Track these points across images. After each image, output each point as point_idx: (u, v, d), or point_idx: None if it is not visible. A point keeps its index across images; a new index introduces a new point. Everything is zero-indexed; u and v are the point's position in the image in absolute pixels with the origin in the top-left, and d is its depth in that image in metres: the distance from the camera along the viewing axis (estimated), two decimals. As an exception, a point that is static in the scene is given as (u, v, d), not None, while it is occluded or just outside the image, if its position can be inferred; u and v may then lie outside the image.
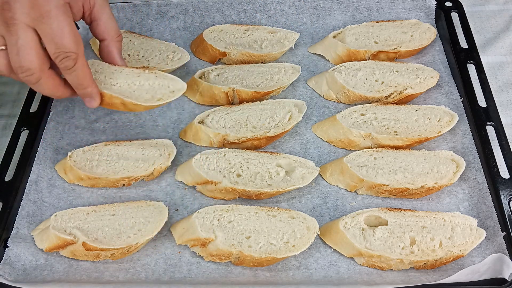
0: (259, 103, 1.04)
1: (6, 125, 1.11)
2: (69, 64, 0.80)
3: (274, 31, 1.17)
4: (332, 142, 1.02)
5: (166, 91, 0.93)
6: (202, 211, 0.87)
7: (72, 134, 1.04)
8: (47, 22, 0.76)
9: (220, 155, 0.95)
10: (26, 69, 0.78)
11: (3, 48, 0.78)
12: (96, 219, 0.88)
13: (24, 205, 0.92)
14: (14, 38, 0.76)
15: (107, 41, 0.91)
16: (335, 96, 1.08)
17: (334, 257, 0.87)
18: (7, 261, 0.85)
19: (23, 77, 0.80)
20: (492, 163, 0.93)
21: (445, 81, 1.09)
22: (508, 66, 1.16)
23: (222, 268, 0.86)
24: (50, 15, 0.76)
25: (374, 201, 0.94)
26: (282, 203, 0.94)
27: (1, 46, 0.78)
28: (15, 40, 0.76)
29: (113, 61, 0.93)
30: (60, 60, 0.79)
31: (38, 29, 0.77)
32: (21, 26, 0.76)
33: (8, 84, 1.18)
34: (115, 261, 0.87)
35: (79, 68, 0.81)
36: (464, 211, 0.91)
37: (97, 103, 0.89)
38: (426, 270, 0.85)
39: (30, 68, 0.78)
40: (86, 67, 0.83)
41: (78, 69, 0.81)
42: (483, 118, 0.99)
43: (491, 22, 1.25)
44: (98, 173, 0.94)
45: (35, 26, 0.77)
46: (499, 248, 0.85)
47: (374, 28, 1.16)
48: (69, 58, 0.79)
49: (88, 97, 0.87)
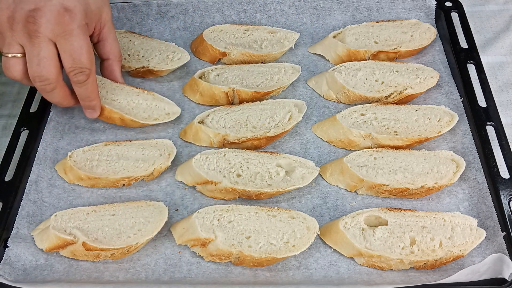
0: (259, 103, 1.04)
1: (6, 125, 1.11)
2: (82, 78, 0.89)
3: (274, 31, 1.17)
4: (332, 142, 1.02)
5: (162, 113, 1.04)
6: (202, 211, 0.87)
7: (72, 134, 1.04)
8: (69, 40, 0.85)
9: (220, 155, 0.95)
10: (44, 79, 0.86)
11: (20, 55, 0.86)
12: (96, 219, 0.88)
13: (24, 205, 0.92)
14: (36, 50, 0.84)
15: (111, 60, 1.02)
16: (335, 96, 1.08)
17: (334, 257, 0.87)
18: (7, 261, 0.85)
19: (40, 85, 0.88)
20: (492, 163, 0.93)
21: (445, 81, 1.09)
22: (508, 66, 1.16)
23: (222, 268, 0.86)
24: (72, 33, 0.85)
25: (374, 201, 0.94)
26: (282, 203, 0.94)
27: (18, 54, 0.86)
28: (37, 51, 0.84)
29: (115, 79, 1.04)
30: (74, 74, 0.88)
31: (58, 44, 0.85)
32: (44, 39, 0.84)
33: (8, 84, 1.18)
34: (115, 261, 0.87)
35: (90, 83, 0.91)
36: (464, 211, 0.91)
37: (97, 115, 0.98)
38: (426, 270, 0.85)
39: (49, 78, 0.86)
40: (95, 82, 0.93)
41: (89, 83, 0.91)
42: (483, 118, 0.99)
43: (491, 22, 1.25)
44: (98, 173, 0.94)
45: (57, 41, 0.85)
46: (499, 248, 0.85)
47: (374, 28, 1.16)
48: (83, 74, 0.89)
49: (91, 109, 0.97)
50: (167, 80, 1.14)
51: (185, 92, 1.11)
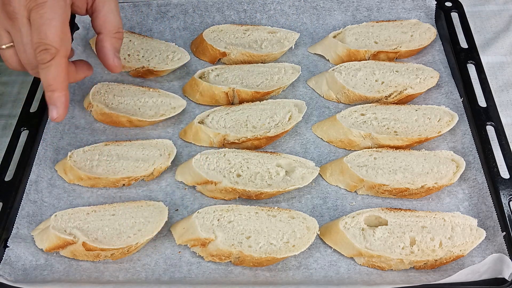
0: (259, 103, 1.04)
1: (6, 125, 1.11)
2: (45, 57, 0.75)
3: (274, 31, 1.17)
4: (332, 142, 1.02)
5: (168, 108, 1.04)
6: (202, 211, 0.87)
7: (72, 134, 1.04)
8: (39, 11, 0.74)
9: (220, 155, 0.95)
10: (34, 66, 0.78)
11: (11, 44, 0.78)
12: (96, 219, 0.88)
13: (24, 205, 0.92)
14: (18, 35, 0.76)
15: (103, 35, 0.87)
16: (335, 96, 1.08)
17: (334, 257, 0.87)
18: (7, 261, 0.85)
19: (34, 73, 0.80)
20: (492, 163, 0.93)
21: (445, 81, 1.09)
22: (508, 66, 1.16)
23: (222, 268, 0.86)
24: (45, 5, 0.74)
25: (374, 201, 0.94)
26: (282, 203, 0.94)
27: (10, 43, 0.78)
28: (20, 37, 0.76)
29: (104, 57, 0.88)
30: (38, 52, 0.75)
31: (30, 19, 0.74)
32: (22, 20, 0.75)
33: (8, 84, 1.18)
34: (115, 261, 0.87)
35: (54, 65, 0.76)
36: (464, 211, 0.91)
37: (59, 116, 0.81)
38: (426, 270, 0.85)
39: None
40: (62, 69, 0.78)
41: (52, 66, 0.76)
42: (483, 118, 0.99)
43: (491, 22, 1.25)
44: (98, 173, 0.94)
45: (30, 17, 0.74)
46: (499, 248, 0.85)
47: (374, 28, 1.16)
48: (47, 52, 0.75)
49: (52, 104, 0.80)
50: (167, 80, 1.14)
51: (185, 92, 1.11)
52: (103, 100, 1.04)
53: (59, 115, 0.80)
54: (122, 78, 1.13)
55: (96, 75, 1.13)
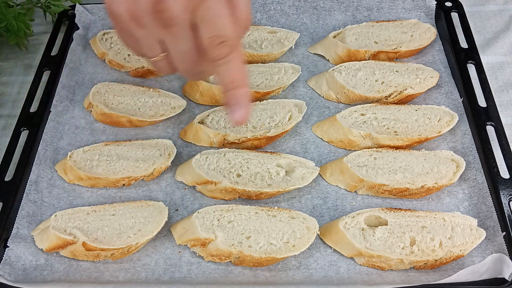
0: (259, 103, 1.04)
1: (6, 125, 1.11)
2: (224, 51, 0.68)
3: (274, 31, 1.17)
4: (332, 142, 1.02)
5: (168, 108, 1.04)
6: (202, 211, 0.87)
7: (72, 134, 1.04)
8: (205, 5, 0.66)
9: (220, 155, 0.95)
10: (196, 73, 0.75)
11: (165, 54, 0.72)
12: (96, 219, 0.88)
13: (24, 205, 0.92)
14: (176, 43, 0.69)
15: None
16: (335, 96, 1.08)
17: (334, 257, 0.87)
18: (7, 261, 0.85)
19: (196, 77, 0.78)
20: (492, 163, 0.93)
21: (445, 81, 1.09)
22: (508, 66, 1.16)
23: (222, 268, 0.86)
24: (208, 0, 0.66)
25: (374, 201, 0.94)
26: (282, 203, 0.94)
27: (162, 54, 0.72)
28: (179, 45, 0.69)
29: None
30: (214, 46, 0.67)
31: (196, 17, 0.67)
32: (182, 24, 0.67)
33: (8, 84, 1.18)
34: (115, 261, 0.87)
35: (235, 58, 0.69)
36: (464, 211, 0.91)
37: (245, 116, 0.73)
38: (426, 270, 0.85)
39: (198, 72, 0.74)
40: (244, 61, 0.71)
41: (233, 59, 0.69)
42: (483, 118, 0.99)
43: (491, 22, 1.25)
44: (98, 173, 0.94)
45: (195, 16, 0.67)
46: (499, 248, 0.85)
47: (374, 28, 1.16)
48: (225, 44, 0.67)
49: (237, 104, 0.72)
50: (167, 80, 1.14)
51: (185, 92, 1.11)
52: (103, 100, 1.04)
53: (245, 116, 0.73)
54: (122, 78, 1.13)
55: (96, 75, 1.13)
